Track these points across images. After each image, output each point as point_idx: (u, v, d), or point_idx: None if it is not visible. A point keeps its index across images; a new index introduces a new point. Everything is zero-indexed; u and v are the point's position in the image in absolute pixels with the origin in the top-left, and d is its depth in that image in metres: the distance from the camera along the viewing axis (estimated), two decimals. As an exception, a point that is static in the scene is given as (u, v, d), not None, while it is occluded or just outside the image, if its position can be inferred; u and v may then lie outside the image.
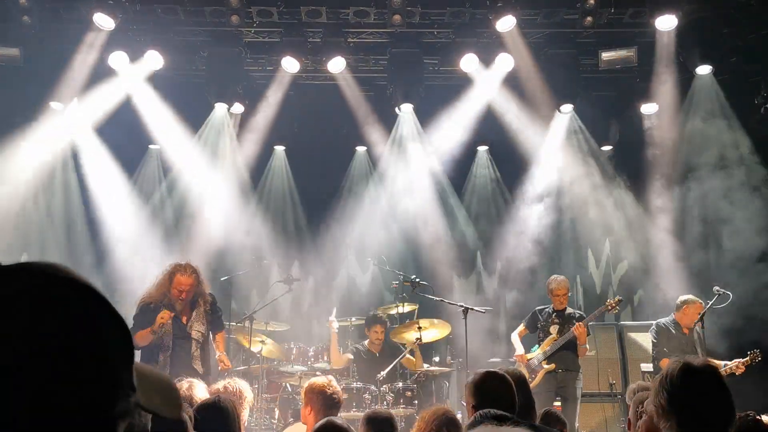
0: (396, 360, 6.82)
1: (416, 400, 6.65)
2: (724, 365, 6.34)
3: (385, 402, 6.50)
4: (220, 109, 8.65)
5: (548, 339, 6.85)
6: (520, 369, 5.94)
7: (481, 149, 9.83)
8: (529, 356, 6.92)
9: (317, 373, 6.64)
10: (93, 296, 0.79)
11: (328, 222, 9.63)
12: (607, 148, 9.34)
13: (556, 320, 6.91)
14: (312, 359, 7.25)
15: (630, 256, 9.26)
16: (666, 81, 8.15)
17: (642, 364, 7.67)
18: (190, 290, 5.86)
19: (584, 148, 9.11)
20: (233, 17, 7.42)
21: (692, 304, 6.71)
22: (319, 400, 4.08)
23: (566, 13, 7.77)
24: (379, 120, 9.05)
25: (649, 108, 8.67)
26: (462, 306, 6.74)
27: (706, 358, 2.47)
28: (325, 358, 7.26)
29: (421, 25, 8.04)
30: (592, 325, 7.46)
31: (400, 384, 6.70)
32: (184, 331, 5.88)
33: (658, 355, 6.83)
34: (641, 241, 9.05)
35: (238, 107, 8.71)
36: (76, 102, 8.21)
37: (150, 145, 9.39)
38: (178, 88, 8.61)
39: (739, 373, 6.30)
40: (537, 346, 6.96)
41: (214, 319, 6.13)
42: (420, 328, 6.97)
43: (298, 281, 7.90)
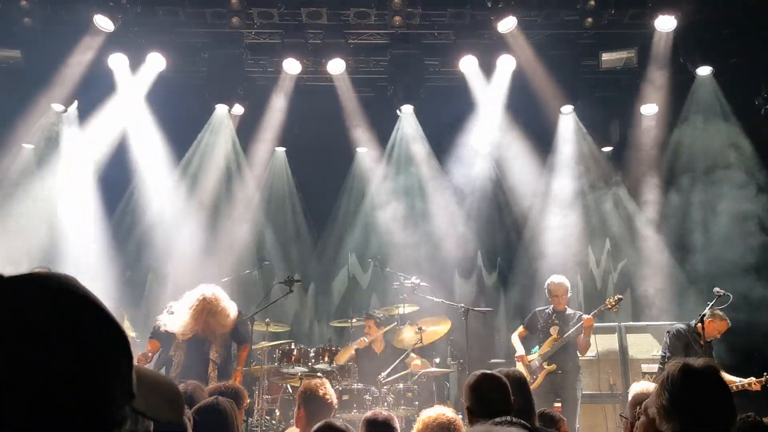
0: (397, 360, 6.82)
1: (417, 401, 6.64)
2: (739, 381, 6.16)
3: (386, 403, 6.50)
4: (220, 110, 8.66)
5: (549, 340, 6.83)
6: (520, 370, 5.92)
7: (483, 150, 9.82)
8: (530, 357, 6.91)
9: (318, 374, 6.65)
10: (92, 305, 0.82)
11: (329, 223, 9.63)
12: (607, 149, 9.34)
13: (556, 321, 6.89)
14: (313, 360, 7.25)
15: (630, 256, 9.26)
16: (666, 82, 8.15)
17: (642, 365, 7.65)
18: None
19: (584, 148, 9.12)
20: (234, 19, 7.44)
21: (719, 321, 6.47)
22: (310, 401, 3.93)
23: (567, 14, 7.79)
24: (380, 121, 9.05)
25: (649, 109, 8.67)
26: (462, 306, 6.74)
27: (707, 359, 2.46)
28: (326, 359, 7.25)
29: (422, 26, 8.05)
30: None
31: (401, 385, 6.70)
32: (201, 351, 5.93)
33: (670, 361, 6.68)
34: (641, 241, 9.05)
35: (238, 108, 8.72)
36: (75, 104, 8.22)
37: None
38: (178, 90, 8.62)
39: (754, 390, 6.11)
40: (537, 347, 6.95)
41: (236, 334, 6.21)
42: (420, 330, 6.97)
43: (299, 282, 7.90)
